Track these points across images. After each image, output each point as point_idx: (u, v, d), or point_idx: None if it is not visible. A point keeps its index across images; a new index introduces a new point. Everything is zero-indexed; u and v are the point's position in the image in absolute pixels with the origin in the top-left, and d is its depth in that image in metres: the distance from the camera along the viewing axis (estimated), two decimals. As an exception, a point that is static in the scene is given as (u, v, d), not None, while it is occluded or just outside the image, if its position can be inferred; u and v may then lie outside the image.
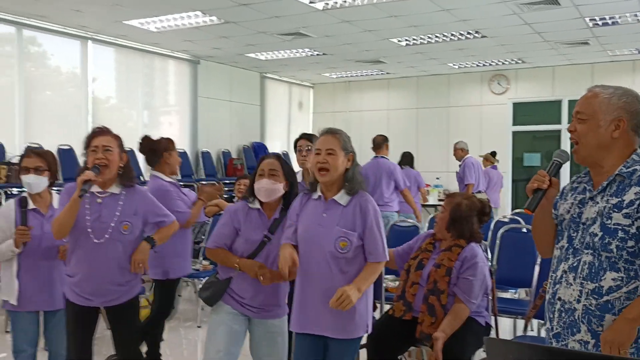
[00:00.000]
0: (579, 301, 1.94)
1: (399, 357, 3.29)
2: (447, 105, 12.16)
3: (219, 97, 11.10)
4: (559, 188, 2.08)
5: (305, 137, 4.04)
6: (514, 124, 11.57)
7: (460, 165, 8.25)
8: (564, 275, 1.99)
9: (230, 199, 7.12)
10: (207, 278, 2.99)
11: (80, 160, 8.37)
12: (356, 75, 12.41)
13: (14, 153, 7.51)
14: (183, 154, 10.07)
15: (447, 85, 12.15)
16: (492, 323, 3.45)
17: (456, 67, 11.24)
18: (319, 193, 2.73)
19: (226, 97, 11.29)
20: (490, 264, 3.63)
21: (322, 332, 2.65)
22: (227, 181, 10.05)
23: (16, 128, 7.80)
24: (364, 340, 3.28)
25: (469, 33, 8.35)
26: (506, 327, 4.42)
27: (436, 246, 3.38)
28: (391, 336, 3.19)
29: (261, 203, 2.88)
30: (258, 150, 11.48)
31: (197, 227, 6.44)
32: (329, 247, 2.60)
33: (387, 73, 12.04)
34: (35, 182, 3.05)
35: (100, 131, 2.96)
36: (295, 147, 4.06)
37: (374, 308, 3.74)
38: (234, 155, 11.25)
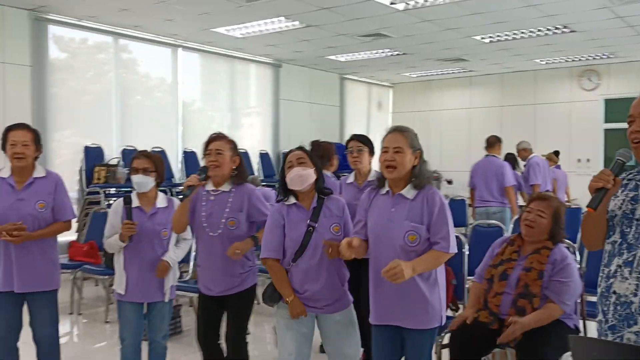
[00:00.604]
0: (635, 294, 1.97)
1: (482, 358, 3.26)
2: (533, 103, 11.78)
3: (299, 99, 11.32)
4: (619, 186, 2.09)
5: (356, 138, 4.06)
6: (606, 121, 11.05)
7: (525, 166, 8.04)
8: (619, 270, 2.02)
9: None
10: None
11: (172, 161, 8.81)
12: (437, 74, 12.26)
13: (111, 155, 8.02)
14: (265, 155, 10.37)
15: (534, 82, 11.77)
16: (581, 327, 3.35)
17: (543, 62, 10.87)
18: (386, 188, 2.77)
19: (306, 99, 11.50)
20: (579, 266, 3.52)
21: (396, 322, 2.71)
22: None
23: (113, 132, 8.32)
24: (446, 340, 3.30)
25: (556, 28, 8.07)
26: (596, 332, 4.26)
27: (520, 254, 3.30)
28: (475, 337, 3.16)
29: (296, 197, 2.94)
30: (338, 151, 11.55)
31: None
32: (399, 241, 2.64)
33: (470, 71, 11.82)
34: (142, 182, 3.28)
35: (216, 137, 3.24)
36: (346, 148, 4.08)
37: (457, 308, 3.73)
38: (314, 156, 11.39)
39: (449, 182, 11.31)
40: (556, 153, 9.18)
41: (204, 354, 3.39)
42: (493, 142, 7.09)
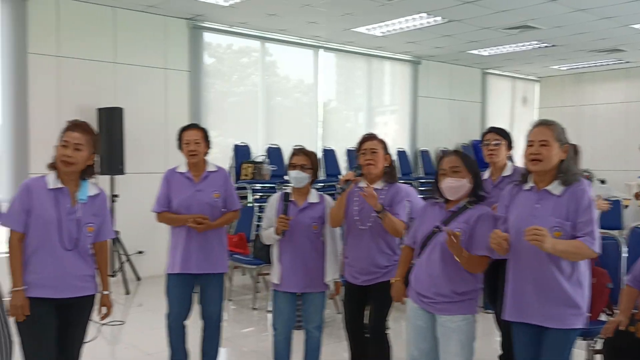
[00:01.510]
0: None
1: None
2: (703, 95, 10.60)
3: (438, 96, 11.16)
4: None
5: (493, 130, 3.91)
6: None
7: None
8: None
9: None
10: None
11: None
12: (589, 66, 11.45)
13: (257, 153, 8.49)
14: (402, 153, 10.36)
15: None
16: None
17: None
18: (530, 184, 2.70)
19: (446, 96, 11.30)
20: None
21: (535, 321, 2.62)
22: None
23: (259, 131, 8.79)
24: (599, 346, 3.11)
25: None
26: None
27: None
28: (631, 344, 2.96)
29: (446, 199, 2.94)
30: (478, 149, 11.22)
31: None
32: None
33: (627, 62, 10.91)
34: (298, 177, 3.44)
35: (369, 137, 3.44)
36: (482, 141, 3.95)
37: (612, 313, 3.50)
38: (453, 154, 11.19)
39: (602, 182, 10.49)
40: None
41: (350, 341, 3.52)
42: None
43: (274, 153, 8.57)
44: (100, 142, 2.96)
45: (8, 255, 2.82)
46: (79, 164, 2.83)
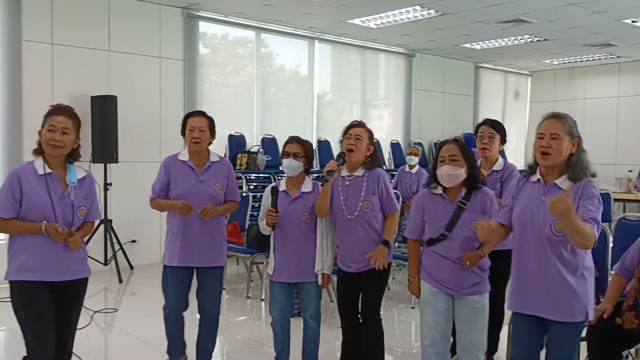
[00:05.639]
0: None
1: (623, 353, 3.12)
2: (693, 91, 10.70)
3: (432, 89, 11.22)
4: None
5: (488, 123, 3.88)
6: None
7: None
8: None
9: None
10: None
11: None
12: (581, 61, 11.53)
13: (252, 143, 8.52)
14: (396, 145, 10.42)
15: (694, 67, 10.68)
16: None
17: None
18: (537, 176, 2.71)
19: (439, 89, 11.37)
20: None
21: (539, 313, 2.65)
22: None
23: (254, 121, 8.80)
24: (583, 333, 3.18)
25: None
26: None
27: None
28: (616, 331, 3.03)
29: (444, 188, 3.02)
30: (470, 142, 11.29)
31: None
32: (545, 229, 2.58)
33: (618, 57, 10.99)
34: (291, 166, 3.45)
35: (357, 124, 3.45)
36: (475, 133, 3.94)
37: (598, 302, 3.58)
38: (446, 146, 11.28)
39: (593, 175, 10.62)
40: None
41: (344, 328, 3.57)
42: None
43: (268, 143, 8.60)
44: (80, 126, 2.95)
45: (7, 235, 2.85)
46: (67, 147, 2.86)
